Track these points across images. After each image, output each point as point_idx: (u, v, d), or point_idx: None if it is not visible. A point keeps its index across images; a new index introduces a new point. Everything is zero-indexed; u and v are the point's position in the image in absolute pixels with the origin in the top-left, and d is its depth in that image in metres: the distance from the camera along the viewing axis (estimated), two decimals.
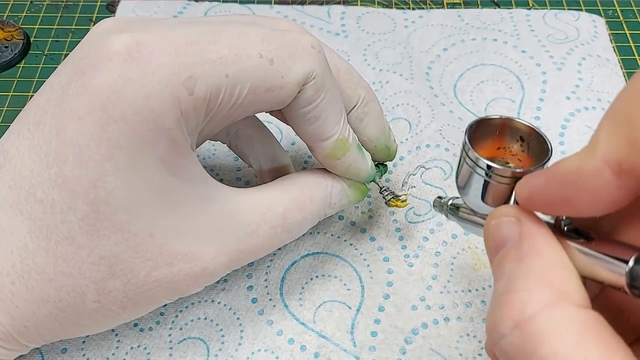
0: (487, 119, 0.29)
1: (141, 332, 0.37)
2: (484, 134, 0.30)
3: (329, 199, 0.36)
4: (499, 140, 0.30)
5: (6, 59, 0.52)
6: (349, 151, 0.35)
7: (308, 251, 0.41)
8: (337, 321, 0.38)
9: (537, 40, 0.51)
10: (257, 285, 0.39)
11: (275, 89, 0.31)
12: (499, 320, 0.23)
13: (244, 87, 0.30)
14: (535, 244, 0.25)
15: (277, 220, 0.33)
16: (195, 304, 0.38)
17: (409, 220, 0.42)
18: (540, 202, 0.25)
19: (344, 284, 0.39)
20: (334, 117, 0.34)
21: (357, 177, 0.37)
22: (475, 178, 0.29)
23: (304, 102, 0.33)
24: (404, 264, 0.40)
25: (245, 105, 0.31)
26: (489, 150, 0.30)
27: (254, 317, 0.38)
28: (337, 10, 0.55)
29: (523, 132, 0.29)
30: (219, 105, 0.30)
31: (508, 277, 0.24)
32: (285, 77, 0.31)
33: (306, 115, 0.33)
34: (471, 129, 0.29)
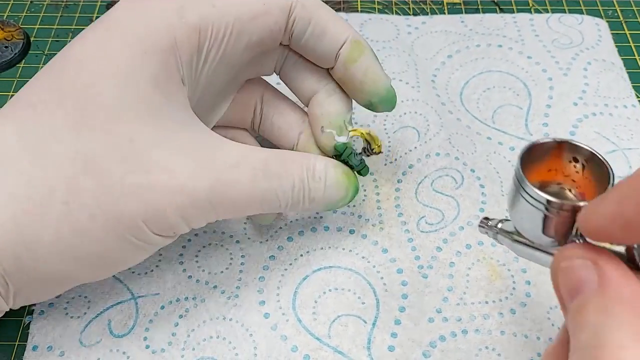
0: (539, 144, 0.28)
1: (153, 354, 0.37)
2: (535, 158, 0.28)
3: (312, 168, 0.35)
4: (551, 162, 0.29)
5: (6, 58, 0.52)
6: (364, 52, 0.37)
7: (320, 265, 0.40)
8: (353, 336, 0.37)
9: (542, 46, 0.51)
10: (269, 299, 0.39)
11: (260, 16, 0.34)
12: None
13: (230, 16, 0.34)
14: (620, 292, 0.23)
15: (258, 164, 0.33)
16: (206, 321, 0.38)
17: (421, 229, 0.42)
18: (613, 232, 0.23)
19: (358, 297, 0.38)
20: (339, 23, 0.37)
21: (376, 86, 0.38)
22: (532, 211, 0.27)
23: (304, 25, 0.35)
24: (418, 276, 0.39)
25: (236, 36, 0.34)
26: (539, 173, 0.29)
27: (267, 332, 0.37)
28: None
29: (580, 154, 0.28)
30: (210, 34, 0.33)
31: (594, 329, 0.23)
32: (267, 4, 0.34)
33: (313, 33, 0.36)
34: (523, 155, 0.27)
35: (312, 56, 0.37)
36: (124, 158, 0.30)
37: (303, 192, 0.35)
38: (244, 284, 0.39)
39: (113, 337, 0.37)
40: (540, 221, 0.27)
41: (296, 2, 0.35)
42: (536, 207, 0.27)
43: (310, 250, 0.41)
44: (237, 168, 0.33)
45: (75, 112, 0.31)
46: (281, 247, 0.41)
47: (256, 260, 0.40)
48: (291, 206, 0.35)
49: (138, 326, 0.38)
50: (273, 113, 0.40)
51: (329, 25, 0.36)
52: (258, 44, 0.35)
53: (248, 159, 0.33)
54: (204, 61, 0.34)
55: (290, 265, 0.40)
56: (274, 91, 0.41)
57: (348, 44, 0.36)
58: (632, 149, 0.45)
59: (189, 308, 0.38)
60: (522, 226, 0.29)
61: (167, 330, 0.38)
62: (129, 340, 0.37)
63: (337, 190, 0.36)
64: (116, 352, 0.37)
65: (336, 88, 0.39)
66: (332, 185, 0.36)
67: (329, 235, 0.41)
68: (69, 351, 0.37)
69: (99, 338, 0.37)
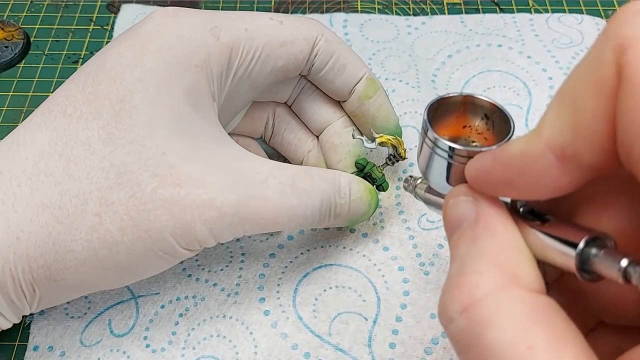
0: (447, 97, 0.28)
1: (153, 353, 0.37)
2: (447, 113, 0.28)
3: (338, 184, 0.36)
4: (464, 118, 0.29)
5: (6, 58, 0.52)
6: (379, 89, 0.40)
7: (320, 263, 0.40)
8: (353, 334, 0.37)
9: (542, 45, 0.51)
10: (269, 297, 0.38)
11: (287, 44, 0.36)
12: (449, 304, 0.22)
13: (260, 40, 0.36)
14: (490, 224, 0.24)
15: (286, 179, 0.34)
16: (207, 320, 0.38)
17: (422, 227, 0.41)
18: (485, 183, 0.24)
19: (359, 295, 0.38)
20: (357, 61, 0.39)
21: (388, 121, 0.40)
22: (436, 159, 0.27)
23: (325, 57, 0.38)
24: (419, 273, 0.39)
25: (263, 59, 0.36)
26: (453, 129, 0.29)
27: (267, 330, 0.37)
28: (339, 18, 0.55)
29: (486, 109, 0.28)
30: (240, 54, 0.35)
31: (462, 258, 0.24)
32: (295, 34, 0.37)
33: (334, 66, 0.38)
34: (432, 108, 0.28)
35: (328, 88, 0.40)
36: (155, 172, 0.31)
37: (329, 208, 0.36)
38: (244, 281, 0.39)
39: (113, 336, 0.37)
40: (444, 169, 0.27)
41: (320, 36, 0.37)
42: (439, 155, 0.27)
43: (310, 248, 0.41)
44: (265, 184, 0.33)
45: (109, 124, 0.31)
46: (281, 245, 0.41)
47: (256, 258, 0.40)
48: (317, 222, 0.36)
49: (138, 326, 0.38)
50: (284, 128, 0.42)
51: (349, 60, 0.39)
52: (282, 69, 0.37)
53: (275, 173, 0.34)
54: (232, 79, 0.36)
55: (290, 262, 0.40)
56: (286, 107, 0.42)
57: (364, 80, 0.39)
58: None
59: (189, 307, 0.38)
60: (430, 177, 0.29)
61: (168, 329, 0.37)
62: (129, 340, 0.37)
63: (360, 205, 0.37)
64: (116, 352, 0.37)
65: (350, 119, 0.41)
66: (356, 200, 0.37)
67: (329, 234, 0.41)
68: (70, 351, 0.37)
69: (100, 338, 0.37)
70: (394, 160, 0.41)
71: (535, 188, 0.23)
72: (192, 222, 0.31)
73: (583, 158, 0.21)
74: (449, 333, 0.23)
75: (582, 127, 0.21)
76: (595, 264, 0.22)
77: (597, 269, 0.22)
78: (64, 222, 0.30)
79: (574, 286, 0.26)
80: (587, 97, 0.21)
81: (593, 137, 0.21)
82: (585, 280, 0.23)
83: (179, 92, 0.33)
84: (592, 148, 0.21)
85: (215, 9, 0.55)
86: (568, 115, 0.21)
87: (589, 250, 0.22)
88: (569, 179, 0.22)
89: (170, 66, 0.33)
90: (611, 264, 0.21)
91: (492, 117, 0.28)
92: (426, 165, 0.28)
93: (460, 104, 0.28)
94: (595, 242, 0.22)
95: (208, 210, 0.31)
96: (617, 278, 0.21)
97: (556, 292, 0.23)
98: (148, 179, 0.31)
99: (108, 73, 0.33)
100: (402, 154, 0.40)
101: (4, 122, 0.49)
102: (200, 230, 0.32)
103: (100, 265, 0.31)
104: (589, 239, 0.22)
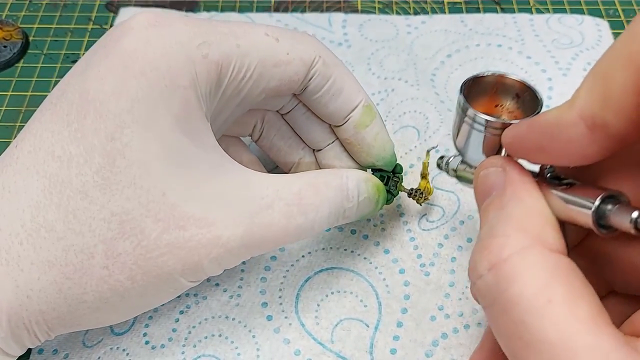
0: (481, 77, 0.30)
1: (153, 350, 0.37)
2: (480, 92, 0.31)
3: (346, 188, 0.35)
4: (495, 97, 0.31)
5: (5, 58, 0.52)
6: (375, 117, 0.37)
7: (321, 267, 0.40)
8: (355, 341, 0.37)
9: (542, 46, 0.51)
10: (272, 302, 0.38)
11: (282, 64, 0.34)
12: (478, 262, 0.25)
13: (253, 58, 0.33)
14: (517, 191, 0.26)
15: (292, 199, 0.33)
16: (208, 319, 0.38)
17: (422, 228, 0.41)
18: (520, 149, 0.27)
19: (360, 300, 0.38)
20: (354, 86, 0.37)
21: (384, 150, 0.38)
22: (472, 133, 0.30)
23: (321, 81, 0.35)
24: (420, 274, 0.39)
25: (255, 79, 0.33)
26: (485, 108, 0.31)
27: (270, 335, 0.37)
28: (338, 17, 0.54)
29: (517, 89, 0.30)
30: (231, 73, 0.32)
31: (490, 223, 0.26)
32: (291, 54, 0.34)
33: (329, 91, 0.36)
34: (466, 86, 0.30)
35: (321, 111, 0.37)
36: (158, 216, 0.30)
37: (338, 215, 0.35)
38: (246, 284, 0.39)
39: (113, 335, 0.37)
40: (478, 142, 0.30)
41: (318, 58, 0.35)
42: (474, 128, 0.29)
43: (312, 251, 0.41)
44: (270, 209, 0.32)
45: (103, 168, 0.30)
46: (282, 248, 0.41)
47: (257, 260, 0.40)
48: (325, 228, 0.35)
49: (138, 322, 0.38)
50: (274, 134, 0.40)
51: (345, 85, 0.36)
52: (275, 89, 0.35)
53: (281, 194, 0.33)
54: (220, 97, 0.33)
55: (291, 266, 0.40)
56: (276, 113, 0.40)
57: (360, 107, 0.37)
58: None
59: (190, 304, 0.38)
60: (466, 151, 0.31)
61: (167, 326, 0.37)
62: (128, 338, 0.37)
63: (368, 204, 0.36)
64: (116, 350, 0.37)
65: None
66: (364, 200, 0.36)
67: (330, 236, 0.41)
68: (72, 353, 0.37)
69: (100, 337, 0.37)
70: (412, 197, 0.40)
71: (566, 154, 0.25)
72: (200, 262, 0.31)
73: (611, 127, 0.23)
74: (477, 288, 0.25)
75: (611, 98, 0.22)
76: (610, 218, 0.24)
77: (612, 222, 0.24)
78: (72, 278, 0.30)
79: (592, 253, 0.29)
80: (617, 70, 0.22)
81: (621, 108, 0.22)
82: (602, 235, 0.25)
83: (169, 118, 0.30)
84: (620, 118, 0.22)
85: (215, 9, 0.55)
86: (599, 86, 0.23)
87: (604, 206, 0.25)
88: (597, 147, 0.24)
89: (157, 90, 0.30)
90: (624, 216, 0.24)
91: (522, 96, 0.30)
92: (463, 140, 0.31)
93: (492, 84, 0.31)
94: (610, 199, 0.25)
95: (215, 249, 0.31)
96: (629, 229, 0.24)
97: (575, 257, 0.25)
98: (151, 225, 0.30)
99: (92, 104, 0.30)
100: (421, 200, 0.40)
101: (3, 122, 0.49)
102: (208, 266, 0.31)
103: (113, 309, 0.31)
104: (605, 196, 0.25)
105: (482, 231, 0.26)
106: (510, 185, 0.26)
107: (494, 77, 0.30)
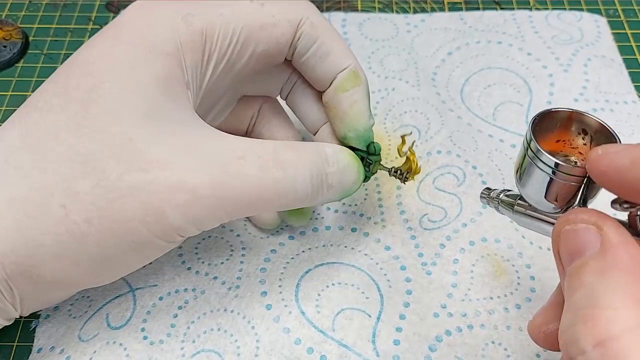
0: (552, 112, 0.29)
1: (151, 346, 0.36)
2: (546, 127, 0.29)
3: (324, 153, 0.34)
4: (560, 132, 0.29)
5: (5, 58, 0.52)
6: (358, 85, 0.36)
7: (322, 261, 0.40)
8: (357, 329, 0.36)
9: (542, 42, 0.51)
10: (271, 291, 0.38)
11: (267, 27, 0.34)
12: (581, 336, 0.23)
13: (237, 23, 0.34)
14: (620, 257, 0.24)
15: (267, 153, 0.32)
16: (207, 313, 0.37)
17: (423, 227, 0.41)
18: (616, 182, 0.24)
19: (362, 292, 0.38)
20: (343, 50, 0.36)
21: (358, 122, 0.36)
22: (538, 174, 0.28)
23: (308, 42, 0.35)
24: (422, 272, 0.39)
25: (242, 44, 0.34)
26: (548, 143, 0.29)
27: (269, 325, 0.37)
28: (338, 17, 0.54)
29: (588, 126, 0.28)
30: (216, 40, 0.33)
31: (590, 290, 0.23)
32: (276, 16, 0.34)
33: (316, 53, 0.36)
34: (535, 122, 0.28)
35: (309, 76, 0.37)
36: (121, 158, 0.30)
37: (321, 178, 0.34)
38: (245, 275, 0.39)
39: (110, 329, 0.37)
40: (545, 185, 0.28)
41: (305, 19, 0.35)
42: (544, 170, 0.27)
43: (312, 247, 0.40)
44: (242, 159, 0.31)
45: (77, 114, 0.30)
46: (282, 243, 0.41)
47: (257, 252, 0.40)
48: (311, 196, 0.34)
49: (135, 317, 0.37)
50: (264, 125, 0.40)
51: (334, 48, 0.36)
52: (263, 54, 0.35)
53: (254, 148, 0.32)
54: (207, 65, 0.34)
55: (292, 259, 0.40)
56: (273, 103, 0.41)
57: (346, 72, 0.36)
58: None
59: (188, 299, 0.38)
60: (527, 191, 0.29)
61: (166, 321, 0.37)
62: (125, 332, 0.37)
63: (350, 173, 0.35)
64: (113, 344, 0.36)
65: None
66: (345, 168, 0.35)
67: (330, 233, 0.41)
68: (68, 347, 0.36)
69: (96, 332, 0.37)
70: (396, 176, 0.38)
71: None
72: (162, 208, 0.30)
73: None
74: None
75: None
76: None
77: None
78: (32, 216, 0.29)
79: None
80: None
81: None
82: None
83: (150, 79, 0.31)
84: None
85: None
86: None
87: None
88: None
89: (141, 55, 0.32)
90: None
91: (592, 134, 0.28)
92: (526, 179, 0.29)
93: (562, 119, 0.29)
94: None
95: (178, 194, 0.30)
96: None
97: None
98: (113, 165, 0.29)
99: (79, 66, 0.32)
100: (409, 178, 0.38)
101: (3, 122, 0.48)
102: (172, 216, 0.30)
103: (72, 259, 0.30)
104: None
105: (577, 296, 0.24)
106: (610, 248, 0.24)
107: (567, 113, 0.29)
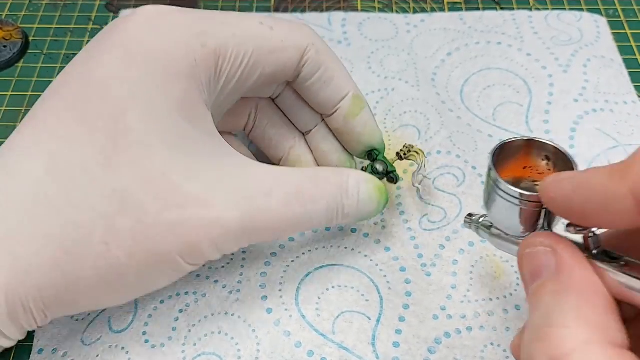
0: (509, 142, 0.30)
1: (153, 349, 0.36)
2: (509, 155, 0.30)
3: (346, 185, 0.35)
4: (525, 159, 0.30)
5: (5, 58, 0.52)
6: (365, 107, 0.39)
7: (322, 263, 0.40)
8: (357, 332, 0.37)
9: (541, 43, 0.51)
10: (272, 295, 0.38)
11: (277, 51, 0.35)
12: (536, 353, 0.24)
13: (249, 46, 0.34)
14: (573, 278, 0.25)
15: (291, 188, 0.33)
16: (208, 317, 0.38)
17: (423, 228, 0.41)
18: (564, 210, 0.26)
19: (361, 294, 0.38)
20: (344, 76, 0.38)
21: (373, 138, 0.39)
22: (500, 201, 0.29)
23: (313, 68, 0.37)
24: (421, 274, 0.39)
25: (252, 66, 0.35)
26: (515, 170, 0.31)
27: (270, 328, 0.37)
28: (338, 17, 0.54)
29: (547, 151, 0.30)
30: (228, 61, 0.34)
31: (546, 309, 0.25)
32: (285, 42, 0.36)
33: (321, 78, 0.37)
34: (495, 153, 0.29)
35: (312, 99, 0.38)
36: (158, 194, 0.30)
37: (337, 211, 0.35)
38: (246, 279, 0.39)
39: (112, 333, 0.37)
40: (512, 213, 0.29)
41: (311, 46, 0.36)
42: (508, 201, 0.29)
43: (312, 249, 0.40)
44: (269, 196, 0.33)
45: (105, 147, 0.30)
46: (282, 245, 0.41)
47: (257, 256, 0.40)
48: (325, 224, 0.36)
49: (137, 321, 0.37)
50: (267, 123, 0.41)
51: (336, 75, 0.38)
52: (270, 75, 0.36)
53: (280, 182, 0.33)
54: (216, 84, 0.34)
55: (292, 262, 0.40)
56: (269, 101, 0.41)
57: (349, 97, 0.38)
58: (632, 145, 0.45)
59: (189, 303, 0.38)
60: (497, 219, 0.31)
61: (167, 325, 0.37)
62: (127, 336, 0.37)
63: (369, 204, 0.37)
64: (115, 348, 0.36)
65: None
66: (365, 200, 0.36)
67: (330, 235, 0.41)
68: (71, 351, 0.36)
69: (99, 335, 0.37)
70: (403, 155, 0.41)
71: (610, 222, 0.24)
72: (199, 242, 0.31)
73: None
74: None
75: None
76: None
77: None
78: (71, 253, 0.30)
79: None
80: None
81: None
82: None
83: (171, 105, 0.32)
84: None
85: (215, 9, 0.55)
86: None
87: None
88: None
89: (159, 77, 0.32)
90: None
91: (553, 159, 0.30)
92: (493, 208, 0.30)
93: (522, 147, 0.30)
94: None
95: (214, 229, 0.31)
96: None
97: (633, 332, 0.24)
98: (151, 202, 0.30)
99: (95, 90, 0.31)
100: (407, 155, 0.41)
101: (2, 122, 0.49)
102: (206, 248, 0.31)
103: (110, 288, 0.31)
104: None
105: (535, 316, 0.25)
106: (563, 269, 0.25)
107: (523, 141, 0.30)
